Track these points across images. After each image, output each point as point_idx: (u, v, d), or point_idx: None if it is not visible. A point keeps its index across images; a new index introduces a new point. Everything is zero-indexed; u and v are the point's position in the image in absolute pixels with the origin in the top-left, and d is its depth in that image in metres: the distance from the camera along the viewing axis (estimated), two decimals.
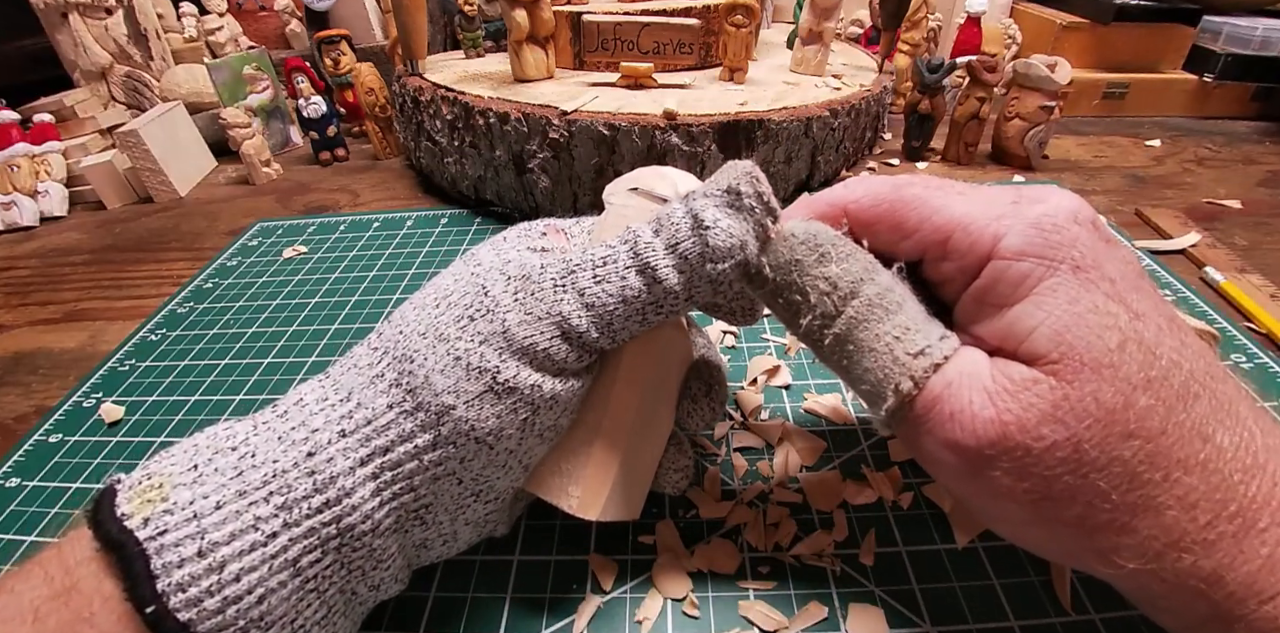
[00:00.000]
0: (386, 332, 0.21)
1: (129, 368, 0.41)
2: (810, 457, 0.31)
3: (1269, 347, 0.37)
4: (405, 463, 0.19)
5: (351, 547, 0.19)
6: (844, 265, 0.20)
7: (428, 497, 0.20)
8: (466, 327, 0.20)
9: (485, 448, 0.20)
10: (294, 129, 0.76)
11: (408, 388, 0.19)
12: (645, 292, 0.20)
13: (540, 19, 0.52)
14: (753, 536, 0.27)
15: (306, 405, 0.20)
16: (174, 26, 0.78)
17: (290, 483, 0.18)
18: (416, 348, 0.20)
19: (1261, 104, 0.72)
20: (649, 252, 0.20)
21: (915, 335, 0.19)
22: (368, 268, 0.50)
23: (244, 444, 0.19)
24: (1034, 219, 0.19)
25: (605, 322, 0.20)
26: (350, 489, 0.19)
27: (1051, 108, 0.57)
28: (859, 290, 0.20)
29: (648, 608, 0.25)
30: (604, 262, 0.20)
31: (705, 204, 0.20)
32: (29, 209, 0.63)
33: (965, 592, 0.25)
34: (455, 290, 0.21)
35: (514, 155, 0.50)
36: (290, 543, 0.18)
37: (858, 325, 0.20)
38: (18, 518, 0.31)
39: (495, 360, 0.19)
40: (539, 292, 0.20)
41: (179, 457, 0.19)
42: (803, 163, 0.53)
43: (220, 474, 0.18)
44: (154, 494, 0.18)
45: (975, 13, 0.68)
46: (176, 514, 0.17)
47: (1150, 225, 0.50)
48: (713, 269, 0.20)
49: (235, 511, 0.18)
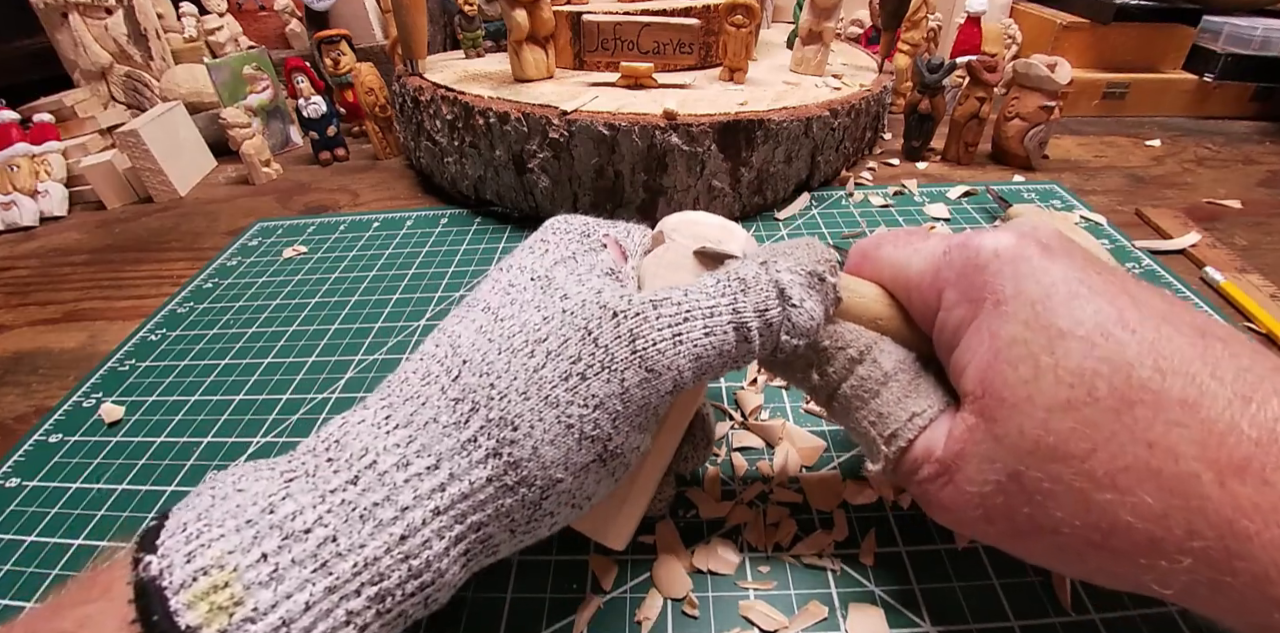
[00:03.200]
0: (468, 379, 0.18)
1: (129, 368, 0.41)
2: (810, 457, 0.31)
3: (1269, 347, 0.37)
4: (498, 535, 0.18)
5: (424, 606, 0.18)
6: (828, 367, 0.22)
7: (504, 551, 0.20)
8: (578, 388, 0.18)
9: (578, 510, 0.20)
10: (294, 129, 0.76)
11: (510, 461, 0.18)
12: (735, 348, 0.20)
13: (540, 19, 0.52)
14: (753, 536, 0.27)
15: (386, 473, 0.17)
16: (174, 26, 0.78)
17: (384, 571, 0.16)
18: (519, 413, 0.18)
19: (1261, 104, 0.72)
20: (746, 311, 0.20)
21: (888, 420, 0.21)
22: (368, 268, 0.50)
23: (319, 526, 0.16)
24: (960, 266, 0.20)
25: (701, 373, 0.20)
26: (445, 570, 0.17)
27: (1051, 108, 0.57)
28: (840, 384, 0.22)
29: (648, 608, 0.25)
30: (711, 313, 0.20)
31: (792, 281, 0.21)
32: (29, 209, 0.63)
33: (965, 592, 0.25)
34: (551, 335, 0.19)
35: (514, 155, 0.50)
36: (381, 629, 0.17)
37: (842, 413, 0.23)
38: (18, 518, 0.31)
39: (609, 427, 0.18)
40: (661, 342, 0.19)
41: (234, 540, 0.16)
42: (803, 163, 0.53)
43: (300, 567, 0.16)
44: (223, 599, 0.15)
45: (975, 13, 0.68)
46: (260, 623, 0.15)
47: (1150, 225, 0.50)
48: (787, 343, 0.21)
49: (326, 609, 0.15)
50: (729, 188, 0.50)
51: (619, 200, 0.50)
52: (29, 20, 0.75)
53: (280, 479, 0.17)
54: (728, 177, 0.50)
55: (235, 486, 0.17)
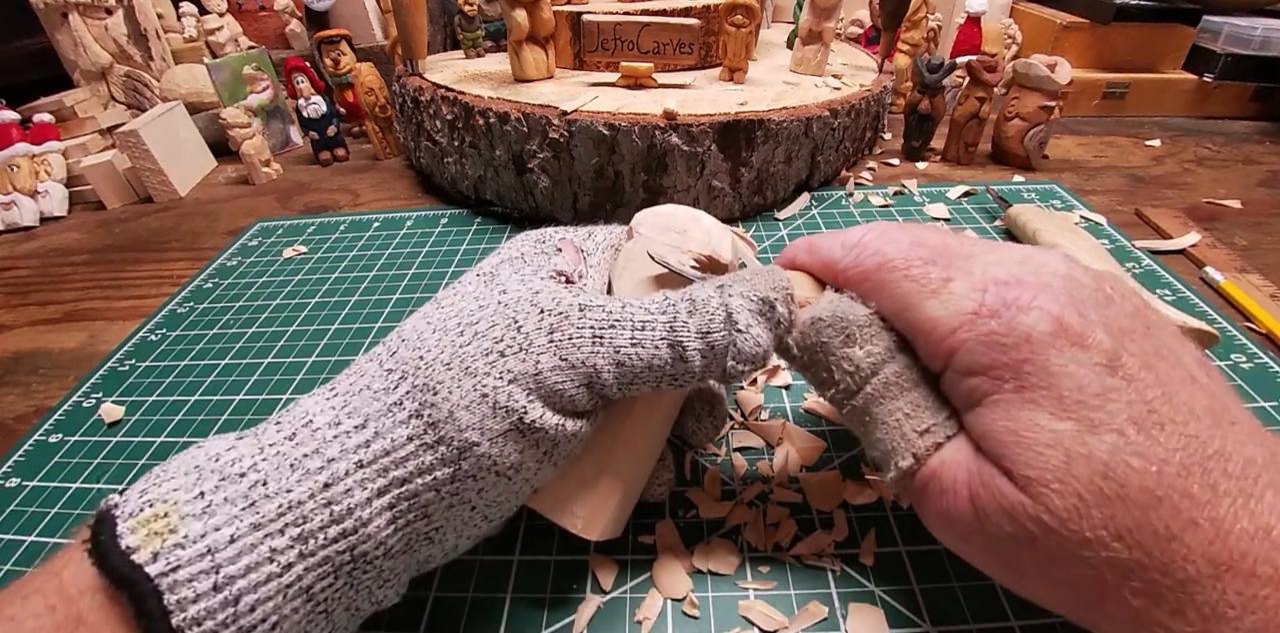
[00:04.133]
0: (402, 353, 0.21)
1: (129, 368, 0.41)
2: (810, 457, 0.31)
3: (1269, 347, 0.37)
4: (423, 494, 0.19)
5: (362, 570, 0.19)
6: (868, 347, 0.22)
7: (440, 521, 0.20)
8: (496, 363, 0.20)
9: (504, 480, 0.20)
10: (294, 129, 0.76)
11: (429, 421, 0.19)
12: (669, 365, 0.21)
13: (540, 19, 0.52)
14: (753, 536, 0.27)
15: (319, 430, 0.19)
16: (174, 26, 0.78)
17: (307, 514, 0.18)
18: (440, 379, 0.19)
19: (1261, 104, 0.72)
20: (684, 331, 0.21)
21: (924, 413, 0.21)
22: (368, 268, 0.50)
23: (253, 471, 0.18)
24: (985, 337, 0.19)
25: (628, 381, 0.21)
26: (367, 520, 0.19)
27: (1051, 108, 0.57)
28: (879, 370, 0.21)
29: (648, 608, 0.25)
30: (643, 326, 0.21)
31: (740, 306, 0.21)
32: (29, 209, 0.63)
33: (965, 592, 0.25)
34: (482, 319, 0.21)
35: (514, 155, 0.50)
36: (305, 572, 0.18)
37: (874, 401, 0.22)
38: (18, 518, 0.31)
39: (523, 401, 0.19)
40: (577, 338, 0.20)
41: (180, 480, 0.18)
42: (803, 163, 0.53)
43: (231, 505, 0.18)
44: (160, 526, 0.17)
45: (975, 13, 0.68)
46: (189, 549, 0.17)
47: (1150, 225, 0.50)
48: (733, 368, 0.21)
49: (250, 544, 0.17)
50: (729, 188, 0.50)
51: (619, 200, 0.50)
52: (29, 20, 0.75)
53: (233, 438, 0.20)
54: (728, 176, 0.50)
55: (197, 446, 0.20)
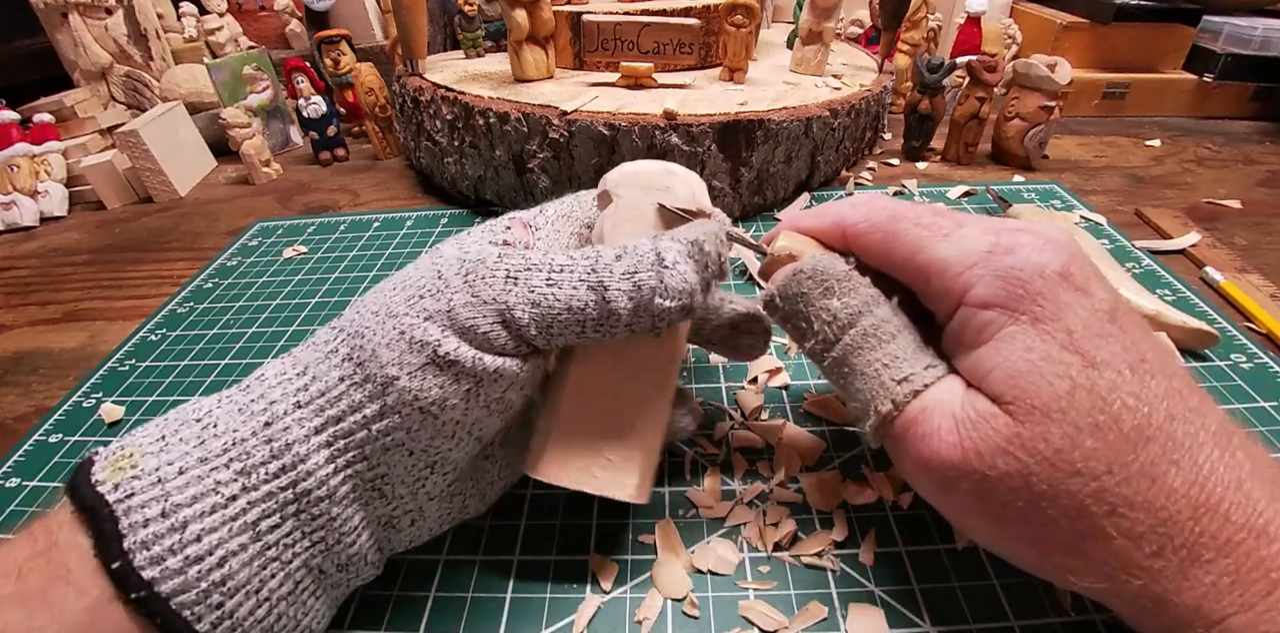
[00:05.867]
0: (346, 313, 0.22)
1: (129, 368, 0.41)
2: (810, 457, 0.31)
3: (1269, 347, 0.37)
4: (356, 432, 0.20)
5: (310, 514, 0.20)
6: (845, 299, 0.23)
7: (381, 467, 0.21)
8: (414, 304, 0.21)
9: (430, 418, 0.20)
10: (294, 129, 0.76)
11: (357, 361, 0.20)
12: (591, 307, 0.21)
13: (540, 19, 0.52)
14: (753, 536, 0.27)
15: (266, 379, 0.21)
16: (174, 26, 0.78)
17: (249, 450, 0.19)
18: (367, 324, 0.21)
19: (1261, 104, 0.72)
20: (606, 272, 0.21)
21: (902, 363, 0.22)
22: (368, 268, 0.50)
23: (207, 416, 0.20)
24: (1002, 271, 0.20)
25: (545, 324, 0.21)
26: (305, 456, 0.20)
27: (1051, 108, 0.57)
28: (857, 321, 0.22)
29: (648, 608, 0.25)
30: (561, 268, 0.21)
31: (670, 246, 0.22)
32: (29, 209, 0.63)
33: (965, 592, 0.25)
34: (413, 276, 0.22)
35: (514, 155, 0.50)
36: (249, 506, 0.19)
37: (853, 352, 0.22)
38: (18, 518, 0.31)
39: (437, 335, 0.20)
40: (490, 278, 0.21)
41: (150, 430, 0.20)
42: (803, 163, 0.53)
43: (184, 443, 0.20)
44: (124, 462, 0.19)
45: (975, 13, 0.68)
46: (143, 479, 0.19)
47: (1150, 225, 0.50)
48: (659, 305, 0.21)
49: (197, 475, 0.19)
50: (729, 188, 0.50)
51: None
52: (29, 20, 0.75)
53: (202, 397, 0.22)
54: (728, 177, 0.50)
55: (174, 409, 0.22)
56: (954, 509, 0.21)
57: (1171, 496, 0.18)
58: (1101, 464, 0.18)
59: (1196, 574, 0.18)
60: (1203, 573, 0.17)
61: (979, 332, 0.20)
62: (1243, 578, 0.17)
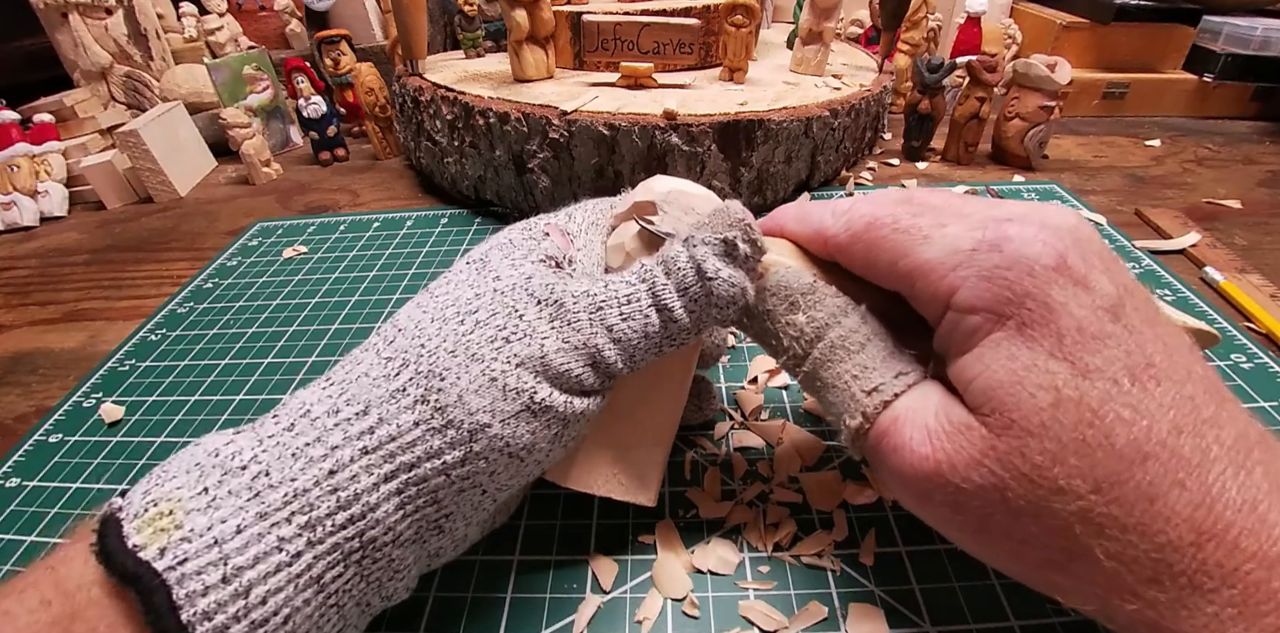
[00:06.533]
0: (400, 342, 0.20)
1: (129, 368, 0.41)
2: (810, 457, 0.31)
3: (1269, 347, 0.37)
4: (432, 479, 0.19)
5: (372, 558, 0.19)
6: (811, 312, 0.22)
7: (449, 507, 0.20)
8: (502, 349, 0.20)
9: (517, 461, 0.20)
10: (294, 129, 0.76)
11: (436, 406, 0.19)
12: (662, 328, 0.22)
13: (540, 19, 0.52)
14: (753, 536, 0.27)
15: (318, 419, 0.19)
16: (174, 26, 0.78)
17: (312, 502, 0.18)
18: (447, 366, 0.19)
19: (1261, 104, 0.72)
20: (665, 293, 0.21)
21: (872, 373, 0.21)
22: (368, 268, 0.50)
23: (254, 463, 0.18)
24: (987, 272, 0.19)
25: (629, 354, 0.22)
26: (375, 505, 0.18)
27: (1051, 108, 0.57)
28: (824, 334, 0.22)
29: (648, 608, 0.25)
30: (628, 300, 0.21)
31: (705, 253, 0.22)
32: (29, 209, 0.63)
33: (965, 592, 0.25)
34: (481, 308, 0.21)
35: (514, 155, 0.50)
36: (315, 560, 0.18)
37: (822, 365, 0.22)
38: (18, 518, 0.31)
39: (531, 382, 0.20)
40: (575, 322, 0.21)
41: (182, 479, 0.18)
42: (803, 163, 0.53)
43: (235, 497, 0.17)
44: (165, 523, 0.17)
45: (975, 13, 0.68)
46: (195, 542, 0.17)
47: (1150, 225, 0.50)
48: (719, 313, 0.22)
49: (257, 533, 0.17)
50: (729, 188, 0.50)
51: None
52: (29, 20, 0.75)
53: (230, 434, 0.20)
54: (728, 177, 0.50)
55: (195, 443, 0.20)
56: (934, 521, 0.21)
57: (1172, 519, 0.16)
58: (1087, 483, 0.17)
59: (1197, 603, 0.16)
60: (1204, 603, 0.16)
61: (965, 337, 0.19)
62: (1249, 611, 0.16)
